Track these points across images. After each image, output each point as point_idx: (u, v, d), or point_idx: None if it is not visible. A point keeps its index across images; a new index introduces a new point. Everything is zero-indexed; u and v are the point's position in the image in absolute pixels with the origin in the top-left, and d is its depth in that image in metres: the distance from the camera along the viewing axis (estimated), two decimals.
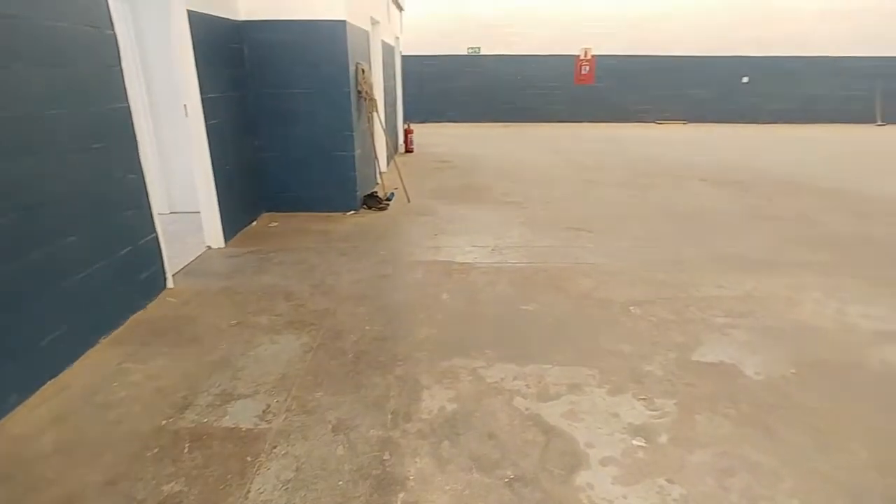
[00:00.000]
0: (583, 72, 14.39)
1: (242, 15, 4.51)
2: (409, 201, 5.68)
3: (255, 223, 4.80)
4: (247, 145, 4.68)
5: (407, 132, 9.28)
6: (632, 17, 13.65)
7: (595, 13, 13.66)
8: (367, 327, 2.82)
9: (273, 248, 4.11)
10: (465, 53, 13.97)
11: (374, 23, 6.61)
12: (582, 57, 14.21)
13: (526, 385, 2.27)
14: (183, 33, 3.59)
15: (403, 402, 2.16)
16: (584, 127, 13.43)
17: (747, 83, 14.14)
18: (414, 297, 3.20)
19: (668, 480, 1.75)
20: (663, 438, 1.95)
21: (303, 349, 2.59)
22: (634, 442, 1.93)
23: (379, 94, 6.80)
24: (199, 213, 4.12)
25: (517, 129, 12.81)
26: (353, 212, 5.18)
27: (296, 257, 3.90)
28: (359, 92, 5.14)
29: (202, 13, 3.80)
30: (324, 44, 4.64)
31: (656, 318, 2.89)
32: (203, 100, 3.80)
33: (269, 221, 4.87)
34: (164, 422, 2.04)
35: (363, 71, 5.17)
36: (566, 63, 14.18)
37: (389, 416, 2.07)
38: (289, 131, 4.86)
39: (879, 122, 14.06)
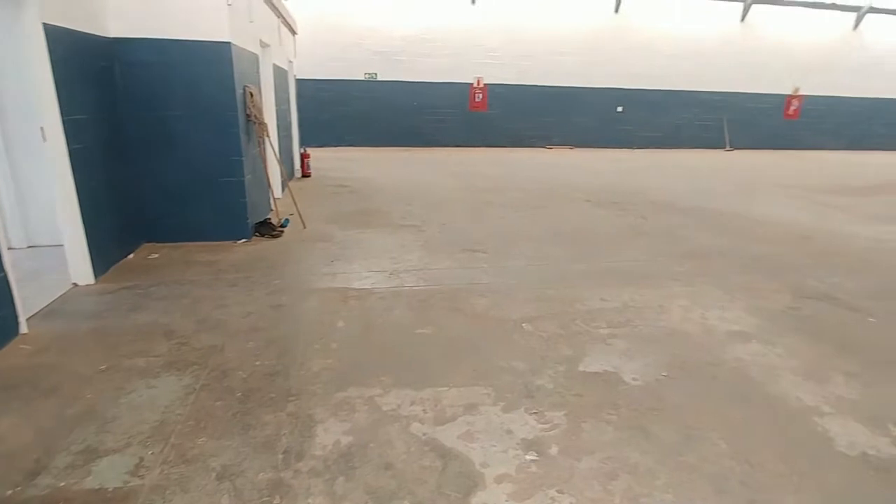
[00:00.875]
0: (476, 99, 15.05)
1: (113, 32, 4.18)
2: (304, 227, 5.52)
3: (132, 256, 4.39)
4: (121, 171, 4.29)
5: (304, 156, 9.07)
6: (520, 50, 14.58)
7: (486, 44, 14.42)
8: (257, 363, 2.67)
9: (153, 281, 3.78)
10: (363, 78, 14.04)
11: (265, 46, 6.44)
12: (475, 85, 14.87)
13: (423, 410, 2.28)
14: (37, 50, 3.24)
15: (296, 440, 2.06)
16: (480, 151, 13.98)
17: (622, 112, 15.61)
18: (308, 327, 3.10)
19: (559, 491, 1.83)
20: (554, 450, 2.04)
21: (184, 391, 2.39)
22: (527, 457, 2.00)
23: (271, 118, 6.60)
24: (62, 246, 3.69)
25: (415, 154, 13.04)
26: (244, 240, 4.93)
27: (179, 291, 3.61)
28: (248, 116, 4.95)
29: (62, 28, 3.46)
30: (208, 66, 4.43)
31: (547, 334, 3.04)
32: (65, 122, 3.44)
33: (149, 253, 4.48)
34: (9, 492, 1.77)
35: (252, 94, 5.00)
36: (461, 90, 14.75)
37: (280, 457, 1.96)
38: (171, 156, 4.54)
39: (728, 148, 16.19)
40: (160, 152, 4.51)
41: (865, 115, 17.24)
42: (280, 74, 7.68)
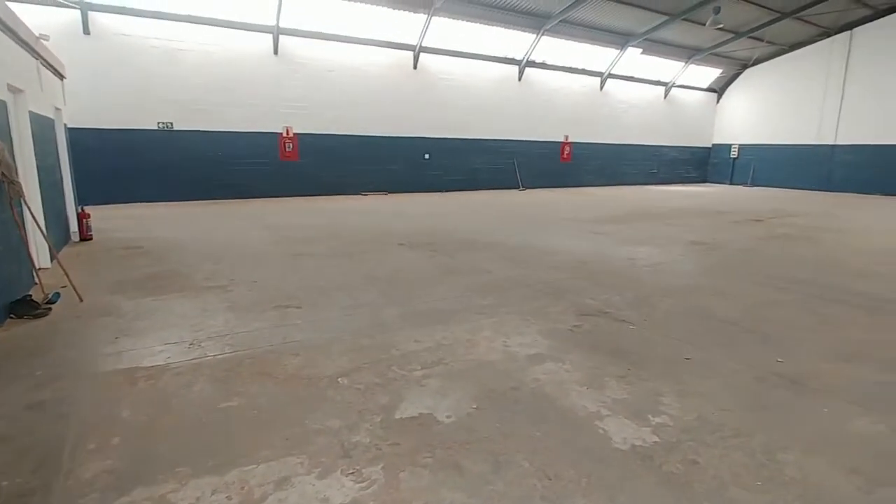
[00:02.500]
0: (287, 149, 14.73)
1: None
2: (81, 300, 4.69)
3: None
4: None
5: (82, 216, 7.78)
6: (328, 100, 14.78)
7: (293, 95, 14.31)
8: (4, 482, 2.13)
9: None
10: (156, 128, 12.72)
11: (16, 91, 5.46)
12: (285, 134, 14.58)
13: (227, 497, 2.05)
14: None
15: None
16: (293, 201, 13.64)
17: (429, 159, 16.77)
18: (81, 425, 2.59)
19: None
20: None
21: None
22: None
23: (30, 176, 5.57)
24: None
25: (222, 207, 12.16)
26: None
27: None
28: None
29: None
30: None
31: (363, 385, 3.02)
32: None
33: None
34: None
35: None
36: (270, 140, 14.30)
37: None
38: None
39: (521, 188, 18.46)
40: None
41: (615, 157, 21.31)
42: (42, 124, 6.56)
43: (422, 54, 15.88)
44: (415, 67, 15.95)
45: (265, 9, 13.02)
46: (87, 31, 11.37)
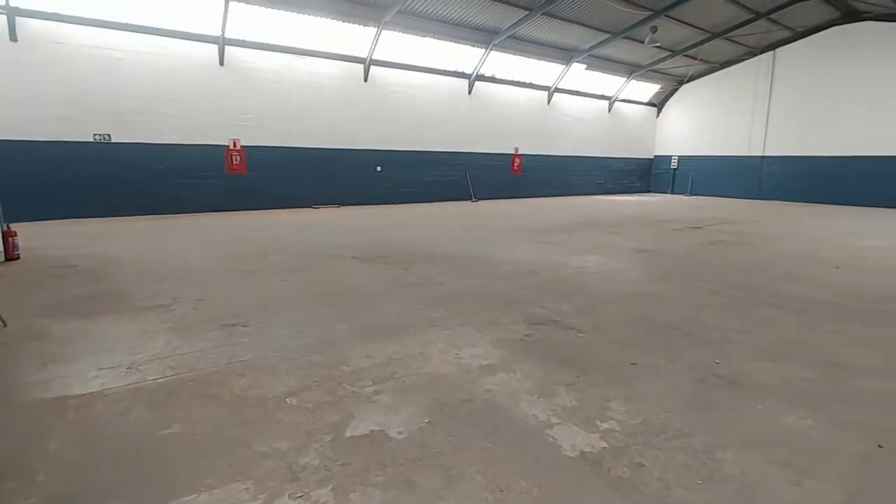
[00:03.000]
0: (234, 161, 14.33)
1: None
2: (5, 326, 4.36)
3: None
4: None
5: (7, 235, 7.26)
6: (276, 112, 14.51)
7: (240, 106, 13.96)
8: None
9: None
10: (92, 140, 12.08)
11: None
12: (232, 147, 14.19)
13: None
14: None
15: None
16: (242, 215, 13.25)
17: (381, 171, 16.72)
18: (0, 462, 2.40)
19: None
20: None
21: None
22: None
23: None
24: None
25: (166, 222, 11.66)
26: None
27: None
28: None
29: None
30: None
31: (312, 404, 2.95)
32: None
33: None
34: None
35: None
36: (216, 152, 13.87)
37: None
38: None
39: (474, 199, 18.68)
40: None
41: (564, 168, 21.94)
42: None
43: (372, 67, 15.89)
44: (366, 80, 15.92)
45: (210, 19, 12.69)
46: (13, 37, 10.71)
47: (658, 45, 17.42)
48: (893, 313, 5.04)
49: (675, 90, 24.38)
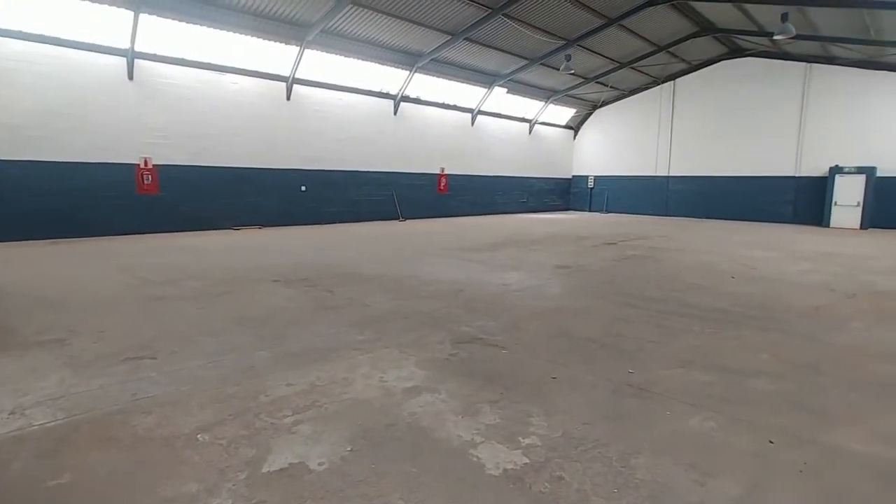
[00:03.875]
0: (146, 181, 13.45)
1: None
2: None
3: None
4: None
5: None
6: (192, 130, 13.82)
7: (152, 123, 13.17)
8: None
9: None
10: None
11: None
12: (142, 166, 13.31)
13: None
14: None
15: None
16: (153, 238, 12.41)
17: (306, 191, 16.34)
18: None
19: None
20: None
21: None
22: None
23: None
24: None
25: (67, 246, 10.68)
26: None
27: None
28: None
29: None
30: None
31: (226, 440, 2.78)
32: None
33: None
34: None
35: None
36: (125, 171, 12.93)
37: None
38: None
39: (401, 219, 18.71)
40: None
41: (489, 187, 22.57)
42: None
43: (296, 85, 15.62)
44: (288, 98, 15.61)
45: (119, 30, 11.95)
46: None
47: (572, 72, 18.49)
48: (778, 318, 5.58)
49: (590, 114, 25.93)
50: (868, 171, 17.51)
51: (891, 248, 12.06)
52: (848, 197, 17.89)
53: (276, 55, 14.71)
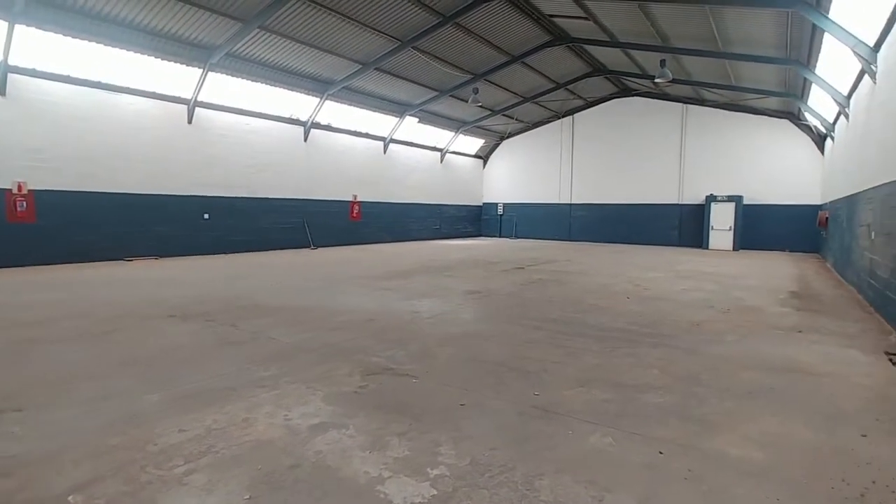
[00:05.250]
0: (20, 208, 12.03)
1: None
2: None
3: None
4: None
5: None
6: (77, 153, 12.64)
7: (29, 144, 11.88)
8: None
9: None
10: None
11: None
12: (16, 191, 11.91)
13: None
14: None
15: None
16: (29, 272, 11.08)
17: (209, 219, 15.46)
18: None
19: None
20: None
21: None
22: None
23: None
24: None
25: None
26: None
27: None
28: None
29: None
30: None
31: (105, 499, 2.50)
32: None
33: None
34: None
35: None
36: None
37: None
38: None
39: (312, 247, 18.23)
40: None
41: (402, 214, 22.72)
42: None
43: (198, 108, 14.91)
44: (190, 122, 14.83)
45: None
46: None
47: (480, 104, 19.33)
48: (666, 335, 6.08)
49: (498, 144, 27.14)
50: (736, 200, 19.82)
51: (756, 268, 13.66)
52: (722, 222, 20.10)
53: (178, 77, 13.99)
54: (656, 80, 15.61)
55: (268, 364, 4.69)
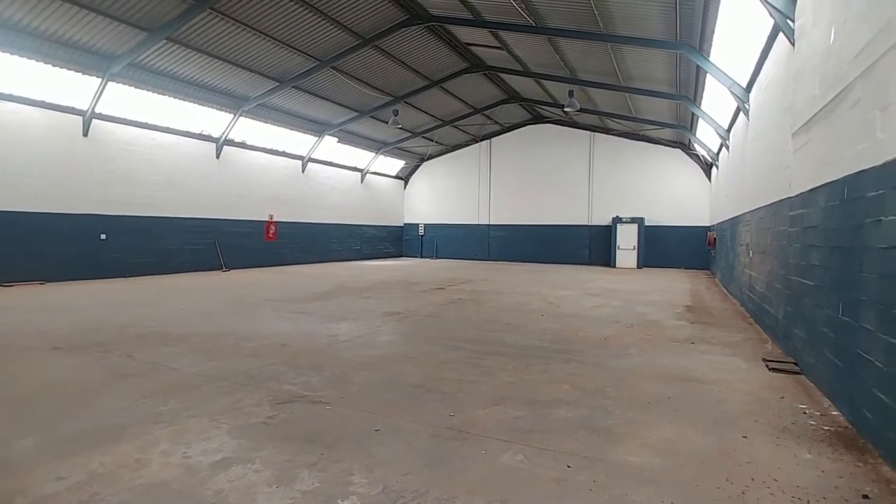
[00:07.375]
0: None
1: None
2: None
3: None
4: None
5: None
6: None
7: None
8: None
9: None
10: None
11: None
12: None
13: None
14: None
15: None
16: None
17: (107, 240, 14.23)
18: None
19: None
20: None
21: None
22: None
23: None
24: None
25: None
26: None
27: None
28: None
29: None
30: None
31: None
32: None
33: None
34: None
35: None
36: None
37: None
38: None
39: (224, 269, 17.30)
40: None
41: (322, 235, 22.24)
42: None
43: (96, 121, 13.81)
44: (86, 135, 13.68)
45: None
46: None
47: (400, 126, 19.52)
48: (576, 350, 6.38)
49: (418, 166, 27.46)
50: (639, 221, 21.40)
51: (657, 284, 14.75)
52: (627, 242, 21.57)
53: (72, 86, 12.90)
54: (566, 109, 16.61)
55: (167, 397, 4.35)
